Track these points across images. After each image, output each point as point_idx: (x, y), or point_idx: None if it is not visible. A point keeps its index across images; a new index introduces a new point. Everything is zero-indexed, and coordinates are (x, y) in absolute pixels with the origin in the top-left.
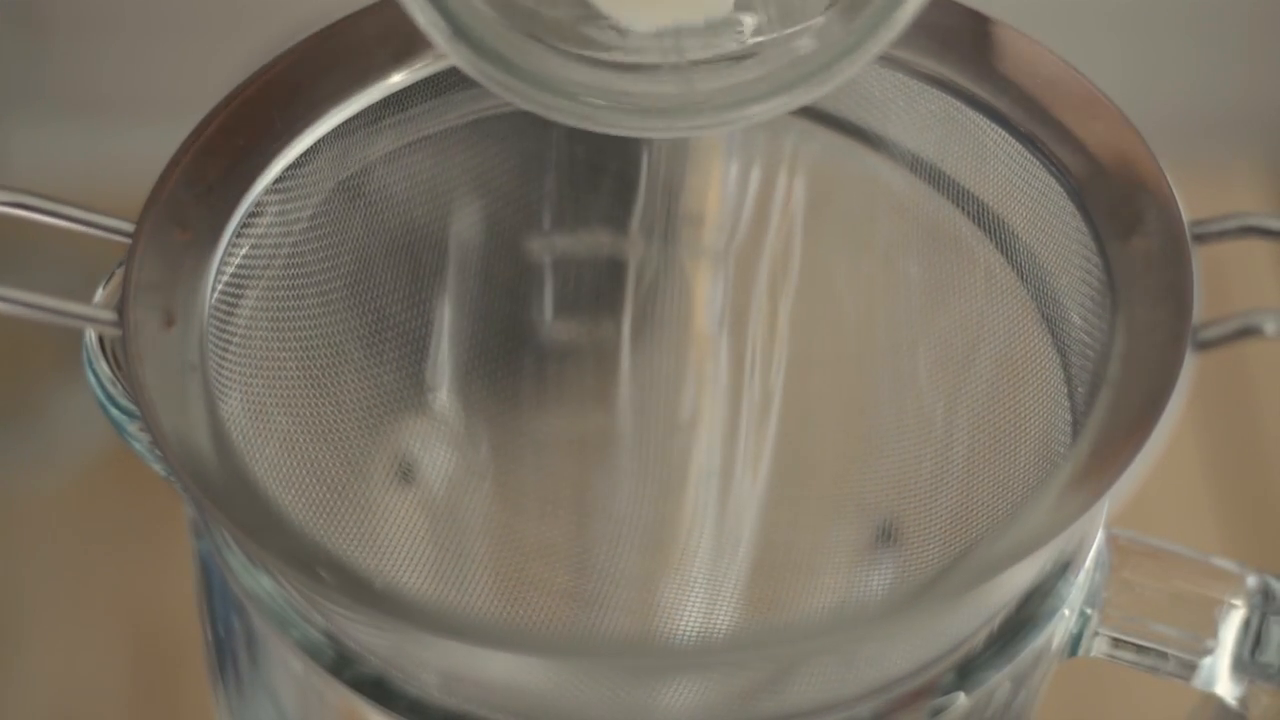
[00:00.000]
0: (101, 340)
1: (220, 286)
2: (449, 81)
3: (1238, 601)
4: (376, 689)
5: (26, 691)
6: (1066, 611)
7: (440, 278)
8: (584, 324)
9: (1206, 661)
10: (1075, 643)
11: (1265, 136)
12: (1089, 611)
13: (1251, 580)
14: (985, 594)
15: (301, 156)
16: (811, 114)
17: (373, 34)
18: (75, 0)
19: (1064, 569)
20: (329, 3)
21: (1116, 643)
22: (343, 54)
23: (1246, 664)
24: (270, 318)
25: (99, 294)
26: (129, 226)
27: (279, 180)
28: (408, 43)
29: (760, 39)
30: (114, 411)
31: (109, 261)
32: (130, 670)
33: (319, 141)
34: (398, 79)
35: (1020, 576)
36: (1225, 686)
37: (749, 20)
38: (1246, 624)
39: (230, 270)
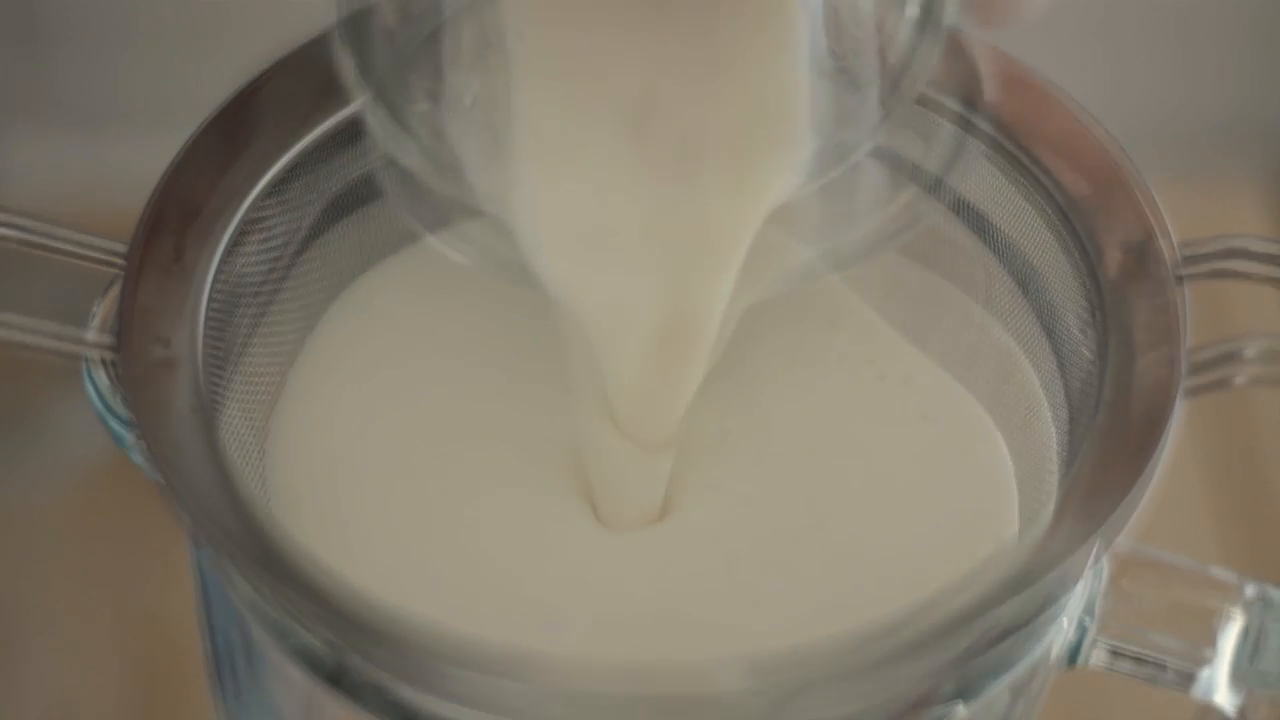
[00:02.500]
0: None
1: (215, 307)
2: None
3: (1236, 611)
4: (376, 698)
5: (26, 701)
6: (1065, 621)
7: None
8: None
9: (1205, 672)
10: (1074, 652)
11: (1259, 149)
12: (1087, 621)
13: (1250, 589)
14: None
15: (289, 172)
16: None
17: None
18: (75, 13)
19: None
20: (322, 16)
21: (1115, 653)
22: (327, 67)
23: (1245, 673)
24: (264, 335)
25: (96, 306)
26: (122, 248)
27: (268, 196)
28: None
29: None
30: (113, 422)
31: (107, 268)
32: (130, 680)
33: (306, 157)
34: None
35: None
36: (1224, 696)
37: None
38: (1245, 633)
39: (224, 290)
